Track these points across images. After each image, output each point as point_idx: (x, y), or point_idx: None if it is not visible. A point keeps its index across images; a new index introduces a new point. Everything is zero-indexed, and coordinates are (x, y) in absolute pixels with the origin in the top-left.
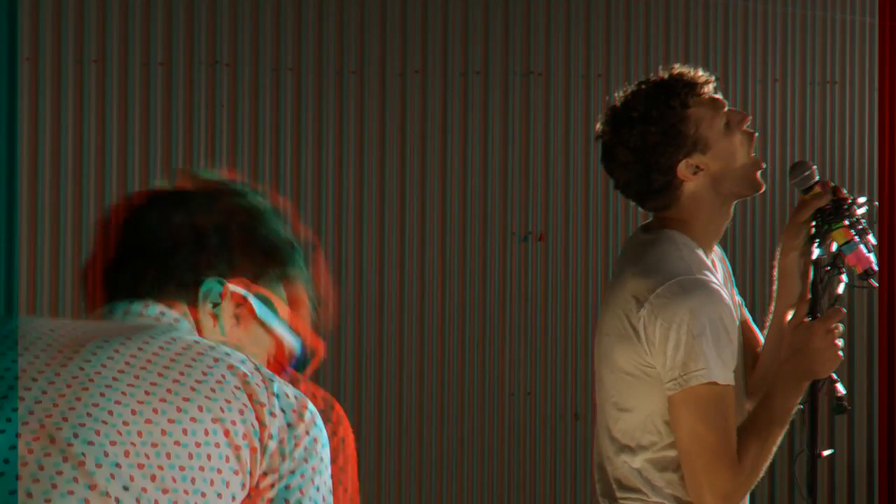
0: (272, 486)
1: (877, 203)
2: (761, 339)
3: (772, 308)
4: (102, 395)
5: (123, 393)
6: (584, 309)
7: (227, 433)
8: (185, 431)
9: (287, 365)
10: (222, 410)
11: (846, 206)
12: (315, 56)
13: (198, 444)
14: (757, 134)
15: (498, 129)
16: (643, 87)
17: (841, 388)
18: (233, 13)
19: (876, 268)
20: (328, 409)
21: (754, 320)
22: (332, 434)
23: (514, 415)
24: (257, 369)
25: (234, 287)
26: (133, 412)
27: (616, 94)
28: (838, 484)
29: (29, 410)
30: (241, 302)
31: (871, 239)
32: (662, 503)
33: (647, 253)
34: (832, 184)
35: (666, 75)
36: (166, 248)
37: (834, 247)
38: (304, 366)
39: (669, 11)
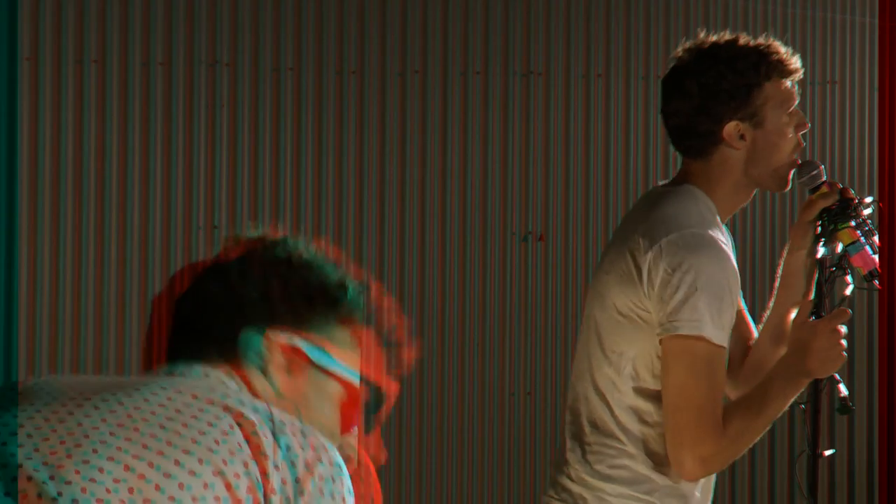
0: None
1: (881, 203)
2: (755, 332)
3: (770, 304)
4: (95, 451)
5: (118, 448)
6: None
7: (228, 486)
8: (181, 486)
9: (359, 410)
10: (224, 463)
11: (853, 207)
12: (315, 56)
13: (195, 499)
14: (804, 145)
15: (498, 129)
16: (741, 39)
17: (843, 389)
18: (233, 13)
19: (881, 269)
20: (359, 464)
21: (752, 316)
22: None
23: (514, 415)
24: (271, 419)
25: (277, 335)
26: (126, 468)
27: (710, 33)
28: (838, 484)
29: (19, 465)
30: (290, 350)
31: (877, 240)
32: (635, 453)
33: (666, 200)
34: (840, 185)
35: (767, 42)
36: (205, 315)
37: (839, 247)
38: (378, 409)
39: (669, 11)
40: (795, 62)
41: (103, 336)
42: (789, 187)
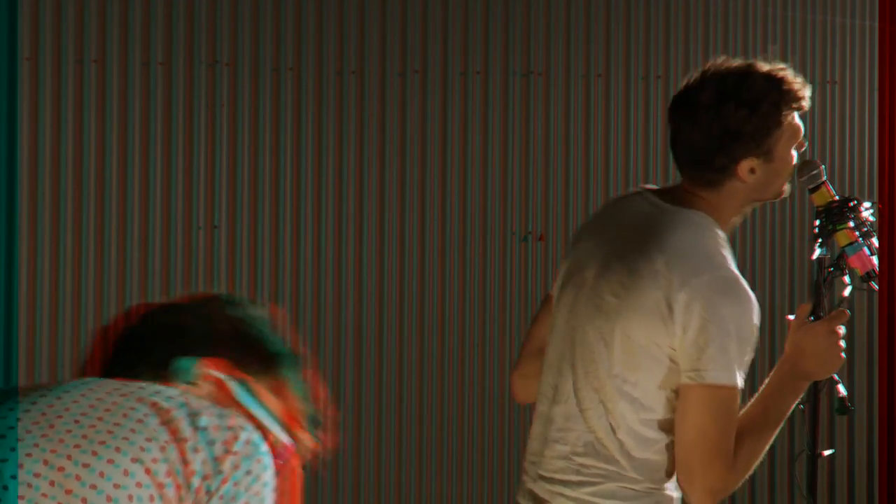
0: None
1: (881, 205)
2: None
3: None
4: (13, 448)
5: (35, 444)
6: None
7: (148, 471)
8: (101, 474)
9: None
10: (142, 449)
11: (851, 207)
12: (315, 56)
13: (116, 486)
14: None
15: (498, 129)
16: (759, 70)
17: (842, 389)
18: (233, 13)
19: (878, 270)
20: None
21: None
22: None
23: (513, 415)
24: (186, 404)
25: (210, 365)
26: (45, 462)
27: (723, 57)
28: (838, 484)
29: None
30: (217, 382)
31: (875, 241)
32: (635, 476)
33: (684, 228)
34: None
35: (782, 71)
36: (148, 340)
37: (837, 247)
38: (287, 459)
39: (669, 11)
40: (807, 93)
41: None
42: (787, 194)
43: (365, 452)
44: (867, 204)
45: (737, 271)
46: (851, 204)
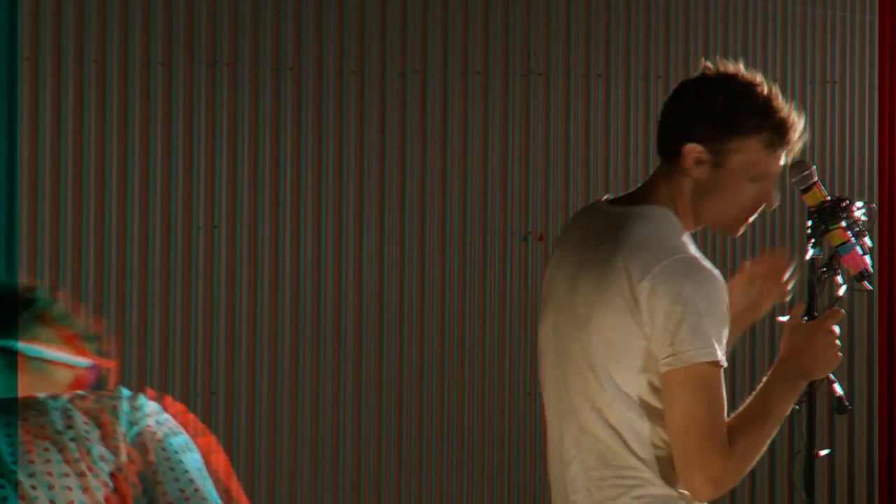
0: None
1: (874, 205)
2: None
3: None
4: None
5: None
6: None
7: (83, 474)
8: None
9: (89, 386)
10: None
11: (843, 207)
12: (315, 56)
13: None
14: (755, 215)
15: (498, 129)
16: (765, 90)
17: (839, 389)
18: (233, 13)
19: (871, 270)
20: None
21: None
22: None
23: (514, 415)
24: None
25: None
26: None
27: (742, 62)
28: (838, 484)
29: None
30: (6, 352)
31: (868, 241)
32: (653, 478)
33: (638, 224)
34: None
35: (786, 108)
36: None
37: (830, 248)
38: (103, 384)
39: (669, 11)
40: (794, 139)
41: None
42: (737, 234)
43: (365, 452)
44: (859, 204)
45: (697, 254)
46: (843, 204)
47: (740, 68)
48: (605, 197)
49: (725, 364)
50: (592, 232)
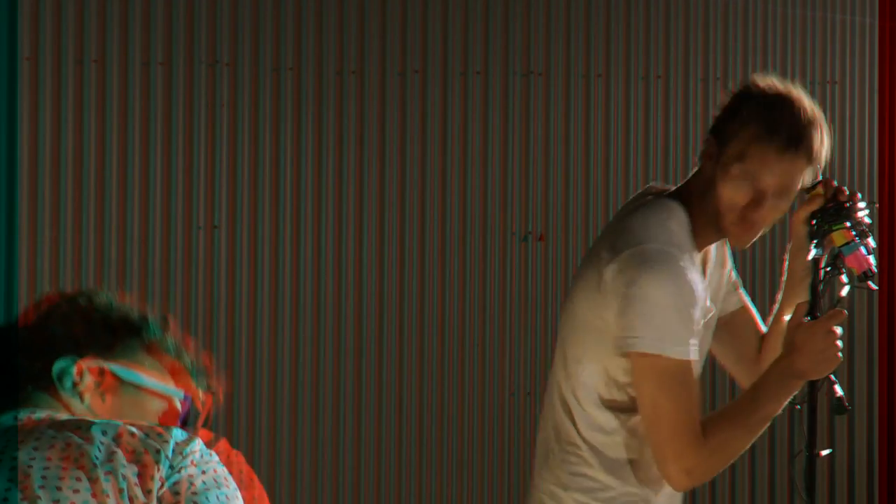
0: None
1: (877, 204)
2: (762, 325)
3: (779, 297)
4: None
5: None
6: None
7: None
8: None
9: (177, 421)
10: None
11: (847, 207)
12: (315, 56)
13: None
14: (759, 235)
15: (498, 129)
16: (812, 119)
17: (839, 389)
18: (233, 13)
19: (875, 270)
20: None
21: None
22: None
23: (514, 415)
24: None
25: (86, 362)
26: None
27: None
28: (838, 484)
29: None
30: (98, 373)
31: (872, 241)
32: (593, 461)
33: (637, 212)
34: (835, 183)
35: (822, 143)
36: (17, 357)
37: (834, 247)
38: (195, 420)
39: (669, 11)
40: (812, 149)
41: None
42: (743, 247)
43: (365, 452)
44: (863, 204)
45: (674, 251)
46: (847, 204)
47: (785, 86)
48: (650, 185)
49: (685, 357)
50: (614, 218)
